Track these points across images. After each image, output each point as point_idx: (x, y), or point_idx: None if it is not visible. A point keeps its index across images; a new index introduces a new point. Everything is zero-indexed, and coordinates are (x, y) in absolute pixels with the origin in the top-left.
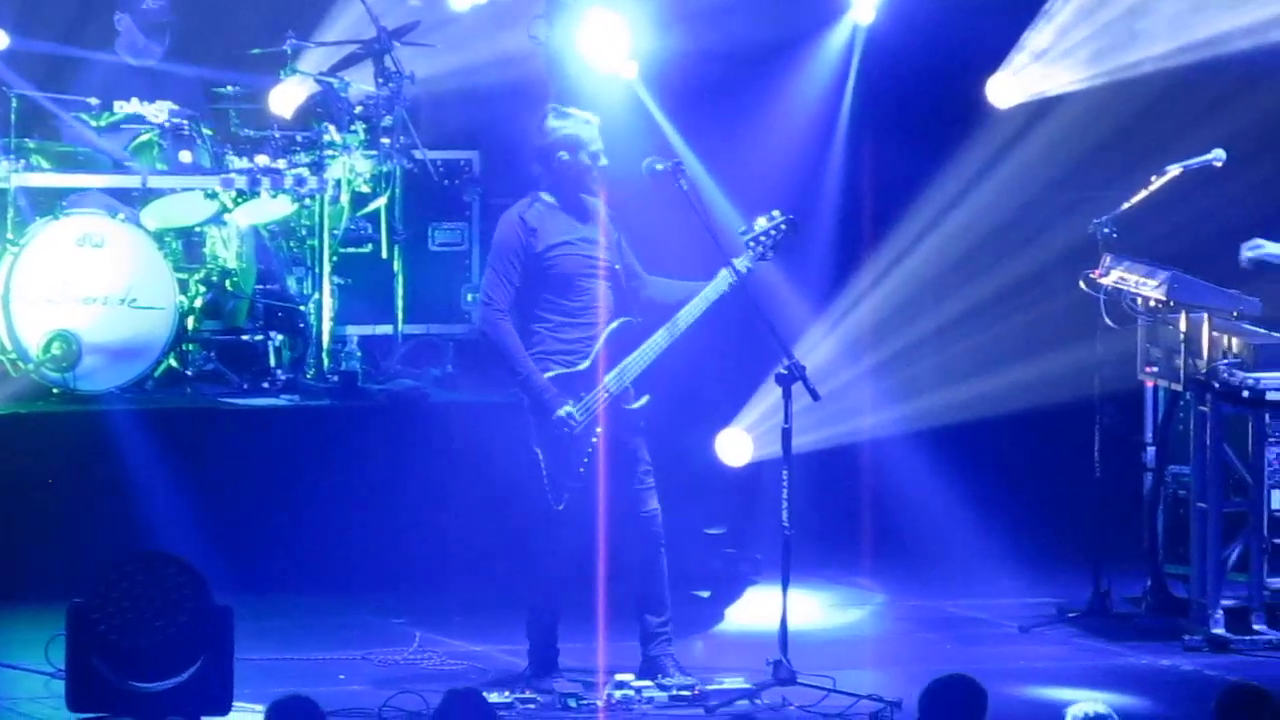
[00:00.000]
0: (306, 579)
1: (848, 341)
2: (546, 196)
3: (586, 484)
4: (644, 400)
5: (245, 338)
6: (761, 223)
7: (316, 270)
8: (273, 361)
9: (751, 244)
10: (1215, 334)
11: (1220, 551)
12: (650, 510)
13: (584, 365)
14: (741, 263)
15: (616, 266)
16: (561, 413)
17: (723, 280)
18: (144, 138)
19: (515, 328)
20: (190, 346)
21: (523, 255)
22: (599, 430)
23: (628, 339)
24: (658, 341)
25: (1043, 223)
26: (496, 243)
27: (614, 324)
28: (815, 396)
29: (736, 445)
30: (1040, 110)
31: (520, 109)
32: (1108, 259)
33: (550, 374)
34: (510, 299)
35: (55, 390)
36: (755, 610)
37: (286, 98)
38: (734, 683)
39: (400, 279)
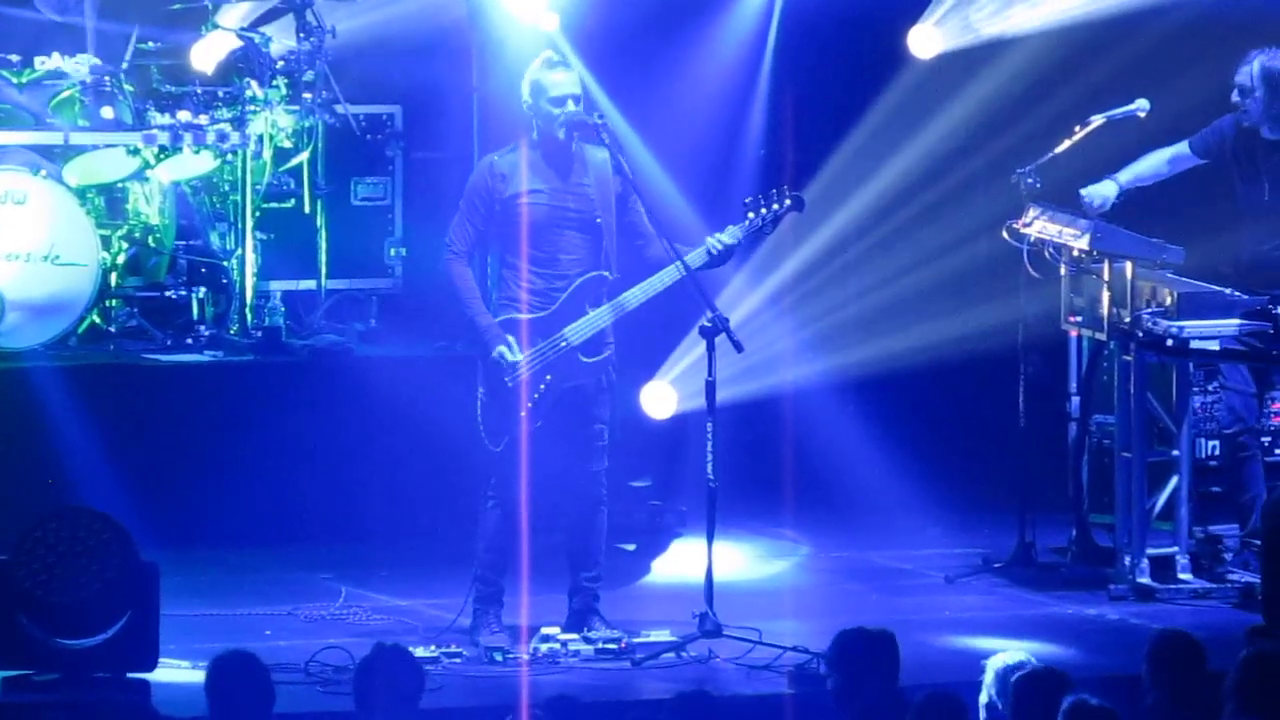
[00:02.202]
0: (231, 535)
1: (771, 293)
2: (529, 144)
3: (531, 431)
4: (603, 355)
5: (168, 294)
6: (770, 195)
7: (239, 226)
8: (196, 317)
9: (751, 215)
10: (1139, 283)
11: (1145, 501)
12: (596, 468)
13: (543, 314)
14: (731, 233)
15: (597, 219)
16: (496, 352)
17: (673, 271)
18: (66, 94)
19: (489, 271)
20: (113, 303)
21: (488, 199)
22: (549, 378)
23: (596, 293)
24: (602, 316)
25: (966, 173)
26: (467, 185)
27: (584, 277)
28: (739, 348)
29: (661, 398)
30: (963, 60)
31: (442, 63)
32: (1031, 209)
33: (506, 317)
34: (470, 241)
35: None
36: (681, 563)
37: (208, 53)
38: (660, 636)
39: (323, 234)
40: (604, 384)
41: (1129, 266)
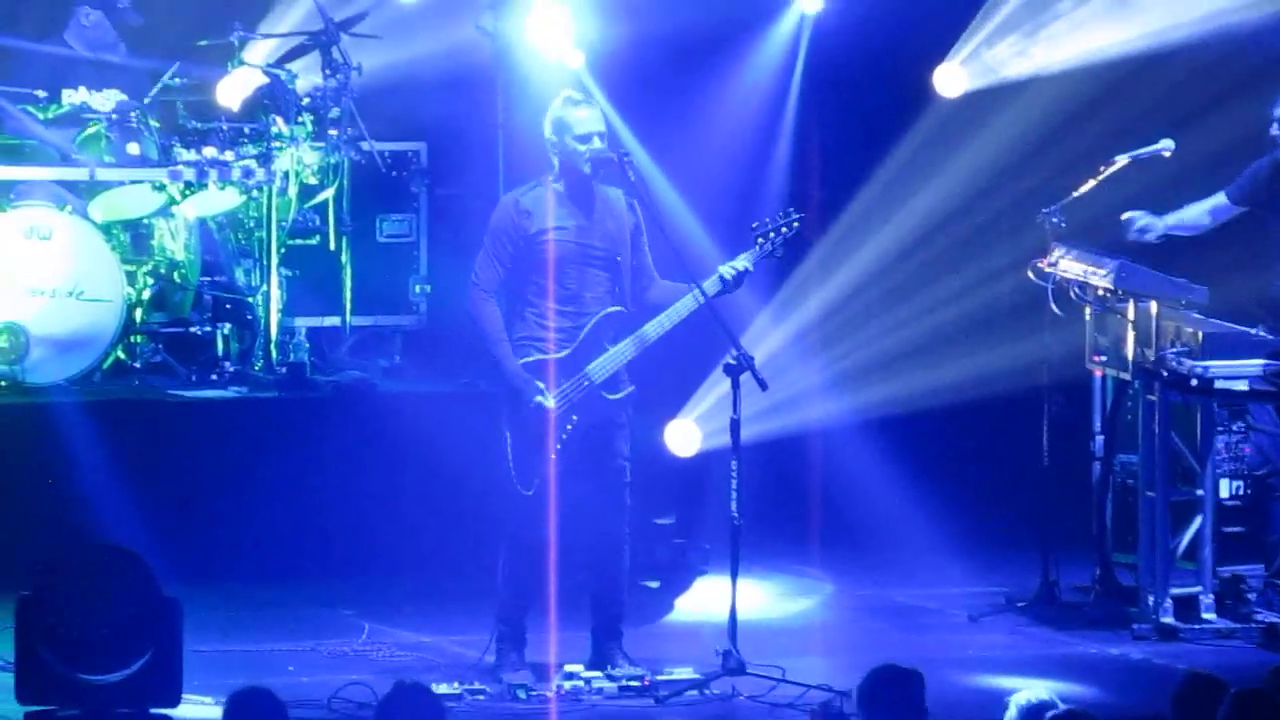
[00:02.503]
0: (255, 570)
1: (796, 331)
2: (553, 181)
3: (560, 471)
4: (625, 392)
5: (193, 330)
6: (776, 219)
7: (264, 262)
8: (220, 353)
9: (761, 240)
10: (1163, 323)
11: (1169, 540)
12: (619, 505)
13: (565, 353)
14: (744, 259)
15: (619, 258)
16: (536, 400)
17: (690, 301)
18: (91, 130)
19: (506, 310)
20: (138, 338)
21: (513, 237)
22: (575, 417)
23: (614, 329)
24: (624, 350)
25: (991, 212)
26: (490, 223)
27: (602, 313)
28: (763, 386)
29: (685, 436)
30: (987, 99)
31: (468, 100)
32: (1056, 248)
33: (530, 359)
34: (497, 279)
35: (2, 383)
36: (704, 600)
37: (234, 89)
38: (683, 673)
39: (348, 270)
40: (624, 420)
41: (1154, 306)
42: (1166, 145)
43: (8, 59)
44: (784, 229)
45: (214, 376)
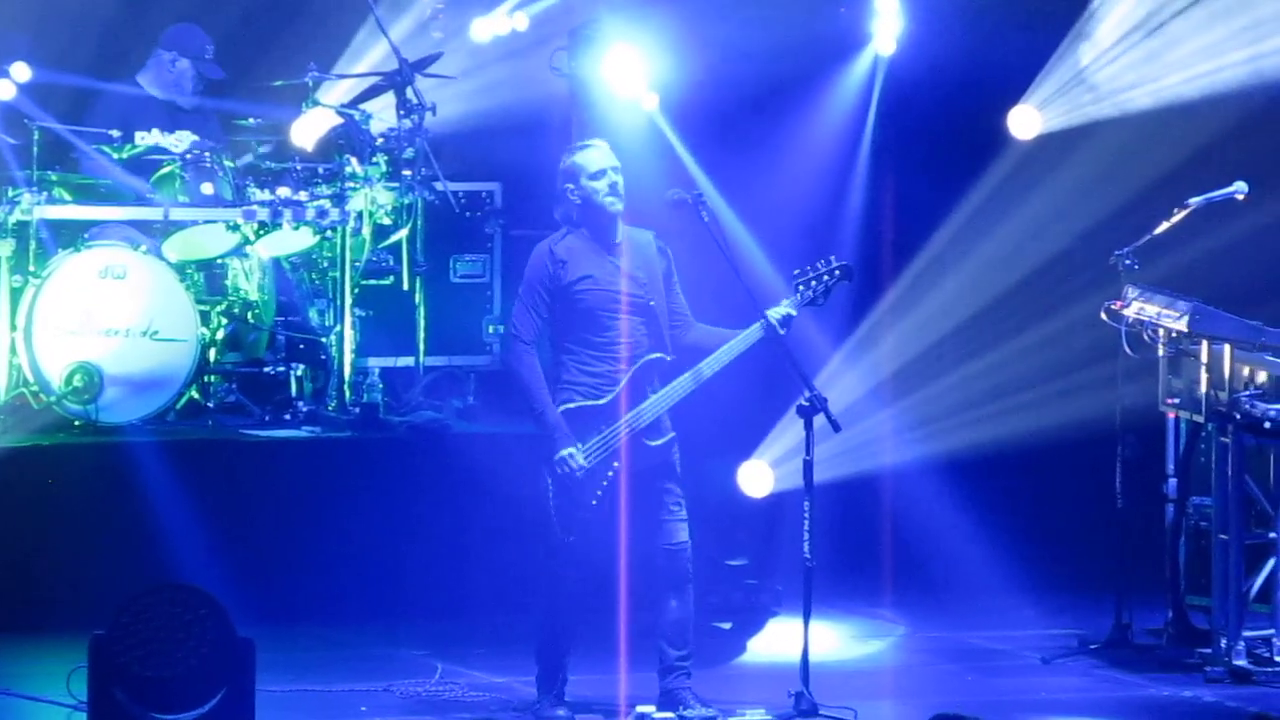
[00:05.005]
0: (328, 611)
1: (869, 373)
2: (578, 230)
3: (602, 517)
4: (667, 438)
5: (267, 370)
6: (817, 267)
7: (338, 302)
8: (294, 393)
9: (802, 286)
10: (1237, 365)
11: (1242, 583)
12: (677, 543)
13: (606, 399)
14: (786, 306)
15: (651, 303)
16: (563, 453)
17: (754, 332)
18: (166, 170)
19: (548, 359)
20: (212, 378)
21: (550, 286)
22: (616, 464)
23: (656, 375)
24: (681, 386)
25: (1064, 254)
26: (526, 274)
27: (642, 360)
28: (836, 428)
29: (758, 477)
30: (1061, 141)
31: (542, 140)
32: (1129, 290)
33: (572, 405)
34: (536, 330)
35: (77, 422)
36: (776, 641)
37: (308, 130)
38: (755, 715)
39: (422, 311)
40: (671, 461)
41: (1227, 348)
42: (1240, 188)
43: (80, 99)
44: (825, 277)
45: (287, 417)
